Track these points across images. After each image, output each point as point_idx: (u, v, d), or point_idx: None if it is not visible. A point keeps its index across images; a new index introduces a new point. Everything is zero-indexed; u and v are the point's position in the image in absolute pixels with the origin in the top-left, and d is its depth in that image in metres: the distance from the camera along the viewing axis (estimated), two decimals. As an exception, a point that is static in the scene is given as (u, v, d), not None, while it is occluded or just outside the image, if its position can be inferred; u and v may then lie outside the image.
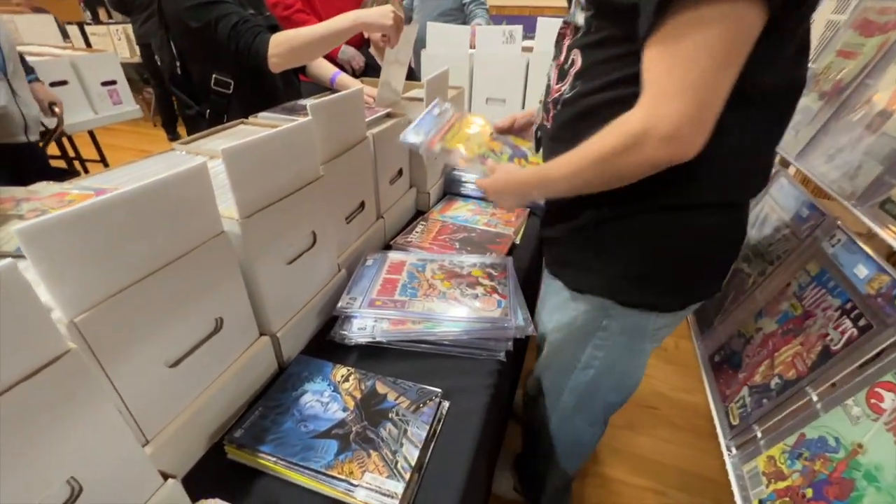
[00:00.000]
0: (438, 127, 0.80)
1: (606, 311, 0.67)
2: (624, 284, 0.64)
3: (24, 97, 1.33)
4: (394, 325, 0.71)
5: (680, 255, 0.60)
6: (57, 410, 0.33)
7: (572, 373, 0.76)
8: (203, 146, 0.81)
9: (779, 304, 0.95)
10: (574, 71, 0.59)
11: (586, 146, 0.54)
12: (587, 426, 0.86)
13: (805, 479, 0.68)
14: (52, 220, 0.34)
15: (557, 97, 0.62)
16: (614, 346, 0.71)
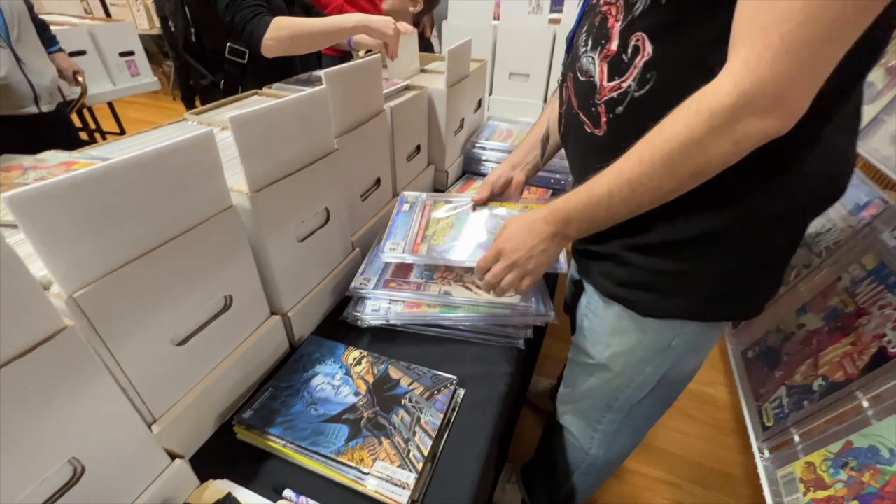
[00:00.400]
0: (416, 225, 0.74)
1: (679, 329, 0.57)
2: (711, 305, 0.54)
3: (33, 65, 1.25)
4: (408, 308, 0.68)
5: (777, 263, 0.53)
6: (54, 389, 0.32)
7: (622, 394, 0.66)
8: (215, 117, 0.79)
9: (826, 299, 0.88)
10: (643, 61, 0.45)
11: (648, 143, 0.43)
12: (629, 442, 0.78)
13: (850, 490, 0.63)
14: (45, 187, 0.31)
15: (617, 97, 0.48)
16: (678, 360, 0.61)
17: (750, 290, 0.54)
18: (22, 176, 0.54)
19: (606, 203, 0.48)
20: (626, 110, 0.48)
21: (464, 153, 1.16)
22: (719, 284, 0.52)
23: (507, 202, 0.80)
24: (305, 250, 0.62)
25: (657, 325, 0.58)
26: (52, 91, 1.34)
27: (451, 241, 0.70)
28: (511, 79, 1.48)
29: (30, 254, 0.38)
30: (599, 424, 0.73)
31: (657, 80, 0.45)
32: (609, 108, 0.50)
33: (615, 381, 0.66)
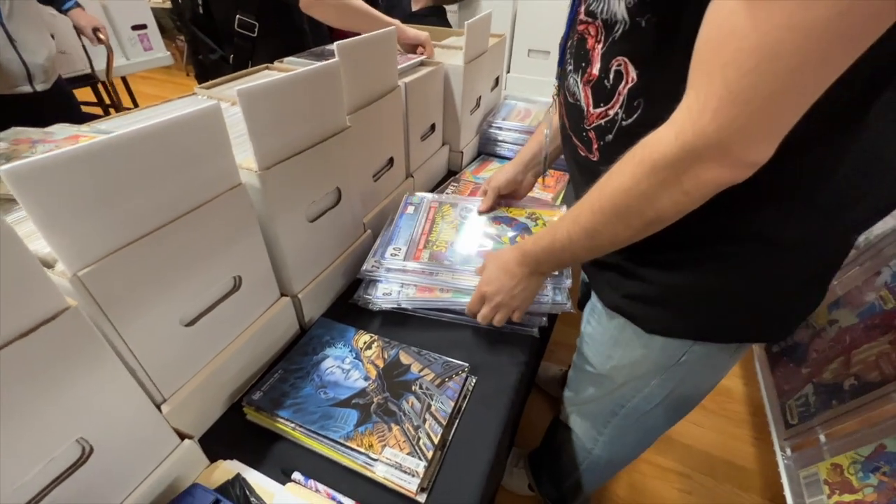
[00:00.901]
0: (419, 228, 0.73)
1: (689, 347, 0.53)
2: (727, 326, 0.50)
3: (26, 42, 1.18)
4: (420, 293, 0.66)
5: (810, 283, 0.48)
6: (59, 369, 0.31)
7: (628, 402, 0.64)
8: (224, 91, 0.76)
9: (862, 294, 0.83)
10: (627, 88, 0.41)
11: (600, 191, 0.42)
12: (634, 446, 0.76)
13: (881, 495, 0.61)
14: (44, 160, 0.30)
15: (604, 125, 0.45)
16: (688, 376, 0.57)
17: (775, 311, 0.49)
18: (30, 149, 0.53)
19: (569, 248, 0.48)
20: (615, 139, 0.45)
21: (479, 133, 1.12)
22: (738, 304, 0.48)
23: (514, 207, 0.79)
24: (316, 231, 0.61)
25: (664, 342, 0.54)
26: (47, 69, 1.27)
27: (454, 247, 0.71)
28: (530, 56, 1.43)
29: (32, 231, 0.37)
30: (605, 428, 0.71)
31: (644, 108, 0.41)
32: (599, 136, 0.47)
33: (619, 391, 0.63)
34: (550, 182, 1.01)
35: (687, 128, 0.33)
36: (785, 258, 0.44)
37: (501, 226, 0.75)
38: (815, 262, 0.46)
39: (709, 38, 0.31)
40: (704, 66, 0.31)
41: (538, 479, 1.05)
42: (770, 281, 0.46)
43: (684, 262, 0.47)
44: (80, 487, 0.34)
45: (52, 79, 1.30)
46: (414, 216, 0.77)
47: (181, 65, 4.04)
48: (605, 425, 0.70)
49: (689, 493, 1.16)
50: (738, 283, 0.46)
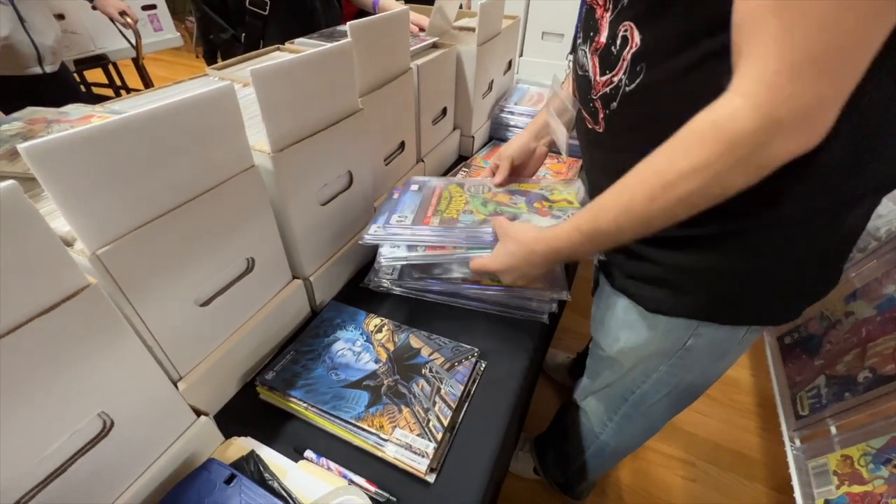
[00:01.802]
0: (426, 202, 0.66)
1: (694, 329, 0.53)
2: (730, 306, 0.50)
3: (35, 24, 1.18)
4: (431, 251, 0.61)
5: (819, 263, 0.47)
6: (80, 345, 0.31)
7: (640, 387, 0.64)
8: (236, 73, 0.76)
9: (882, 286, 0.82)
10: (631, 53, 0.42)
11: (659, 176, 0.38)
12: (640, 434, 0.76)
13: (892, 487, 0.60)
14: (63, 138, 0.30)
15: (609, 92, 0.46)
16: (695, 363, 0.57)
17: (778, 291, 0.49)
18: (46, 129, 0.53)
19: (614, 237, 0.44)
20: (619, 106, 0.46)
21: (491, 118, 1.11)
22: (741, 284, 0.48)
23: (526, 183, 0.73)
24: (328, 214, 0.61)
25: (668, 323, 0.54)
26: (55, 50, 1.27)
27: (467, 214, 0.63)
28: (544, 38, 1.39)
29: (53, 210, 0.37)
30: (615, 415, 0.72)
31: (647, 72, 0.41)
32: (605, 105, 0.47)
33: (629, 375, 0.64)
34: (563, 168, 1.00)
35: (764, 97, 0.31)
36: (786, 235, 0.44)
37: (515, 196, 0.68)
38: (819, 240, 0.45)
39: (760, 3, 0.30)
40: (765, 32, 0.30)
41: (544, 464, 1.07)
42: (771, 259, 0.46)
43: (685, 241, 0.47)
44: (102, 459, 0.35)
45: (58, 61, 1.30)
46: (419, 193, 0.70)
47: (190, 46, 4.01)
48: (615, 412, 0.71)
49: (693, 481, 1.17)
50: (739, 261, 0.46)
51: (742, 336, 0.54)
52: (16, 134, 0.52)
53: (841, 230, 0.45)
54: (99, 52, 1.92)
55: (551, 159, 1.03)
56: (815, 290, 0.50)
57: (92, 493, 0.36)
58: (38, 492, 0.31)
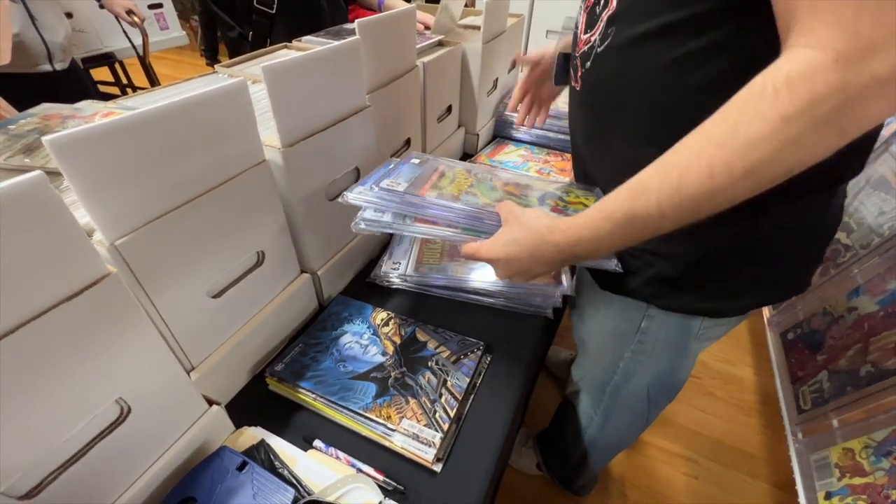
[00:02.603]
0: (425, 175, 0.57)
1: (644, 311, 0.56)
2: (665, 289, 0.52)
3: (46, 21, 1.19)
4: (419, 223, 0.52)
5: (743, 255, 0.47)
6: (100, 333, 0.32)
7: (612, 377, 0.67)
8: (245, 70, 0.77)
9: (885, 282, 0.82)
10: (607, 14, 0.43)
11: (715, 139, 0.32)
12: (626, 430, 0.79)
13: (893, 479, 0.61)
14: (86, 131, 0.31)
15: (587, 50, 0.47)
16: (657, 352, 0.60)
17: (722, 283, 0.48)
18: (61, 124, 0.54)
19: (654, 227, 0.37)
20: (591, 65, 0.47)
21: (496, 116, 1.12)
22: (678, 269, 0.48)
23: (541, 181, 0.66)
24: (335, 210, 0.62)
25: (621, 302, 0.57)
26: (65, 48, 1.28)
27: (469, 195, 0.54)
28: (548, 37, 1.40)
29: (73, 202, 0.38)
30: (599, 408, 0.75)
31: (614, 35, 0.43)
32: (582, 63, 0.49)
33: (599, 362, 0.67)
34: (566, 165, 1.00)
35: (849, 46, 0.26)
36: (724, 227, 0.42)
37: (525, 188, 0.60)
38: (763, 234, 0.44)
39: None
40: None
41: (547, 459, 1.08)
42: (708, 247, 0.46)
43: None
44: (119, 445, 0.36)
45: (68, 58, 1.31)
46: (419, 167, 0.60)
47: (195, 45, 4.03)
48: (598, 404, 0.74)
49: (696, 478, 1.17)
50: (676, 246, 0.46)
51: (697, 330, 0.56)
52: (32, 129, 0.54)
53: (793, 228, 0.44)
54: (106, 50, 1.93)
55: (556, 157, 1.04)
56: (764, 289, 0.50)
57: (110, 477, 0.37)
58: (60, 473, 0.32)
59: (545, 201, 0.56)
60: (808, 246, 0.48)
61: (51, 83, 1.25)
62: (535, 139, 1.09)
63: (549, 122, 1.06)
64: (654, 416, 0.74)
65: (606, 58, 0.45)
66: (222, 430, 0.47)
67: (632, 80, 0.43)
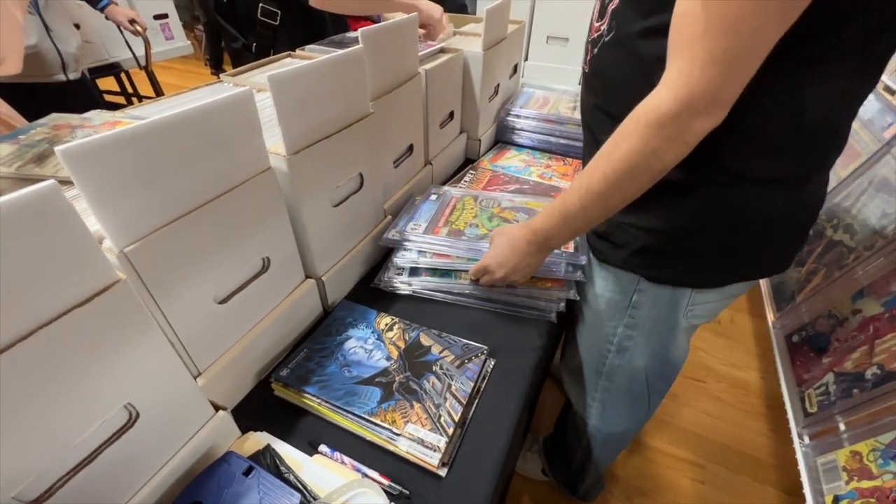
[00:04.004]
0: (440, 213, 0.76)
1: (636, 284, 0.61)
2: (649, 259, 0.58)
3: (60, 32, 1.24)
4: (436, 258, 0.70)
5: (718, 232, 0.53)
6: (110, 339, 0.33)
7: (606, 357, 0.70)
8: (249, 79, 0.78)
9: (889, 283, 0.82)
10: (612, 9, 0.50)
11: (608, 160, 0.47)
12: (627, 417, 0.79)
13: (900, 482, 0.61)
14: (98, 141, 0.31)
15: (596, 37, 0.55)
16: (649, 327, 0.64)
17: (701, 255, 0.55)
18: (71, 134, 0.55)
19: (582, 216, 0.53)
20: (598, 52, 0.54)
21: (497, 121, 1.12)
22: (663, 241, 0.55)
23: (532, 200, 0.80)
24: (339, 215, 0.62)
25: (615, 273, 0.63)
26: (77, 58, 1.32)
27: (472, 228, 0.73)
28: (549, 43, 1.41)
29: (83, 209, 0.39)
30: (595, 392, 0.77)
31: (617, 28, 0.50)
32: (592, 47, 0.56)
33: (594, 340, 0.71)
34: (568, 170, 1.01)
35: (681, 89, 0.40)
36: (701, 202, 0.51)
37: (520, 213, 0.76)
38: (735, 207, 0.50)
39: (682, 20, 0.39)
40: (685, 39, 0.39)
41: (552, 463, 1.07)
42: (682, 219, 0.53)
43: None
44: (127, 450, 0.36)
45: (80, 68, 1.35)
46: (436, 203, 0.80)
47: (199, 54, 4.08)
48: (595, 388, 0.76)
49: (703, 483, 1.16)
50: (659, 220, 0.54)
51: (685, 306, 0.60)
52: (42, 139, 0.55)
53: (762, 211, 0.50)
54: (112, 60, 1.96)
55: (557, 161, 1.05)
56: (743, 266, 0.56)
57: (117, 482, 0.37)
58: (69, 479, 0.33)
59: None
60: (782, 227, 0.54)
61: (62, 93, 1.28)
62: (536, 144, 1.10)
63: (550, 126, 1.07)
64: (656, 403, 0.76)
65: (610, 47, 0.52)
66: (228, 435, 0.47)
67: (629, 70, 0.49)
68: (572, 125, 1.05)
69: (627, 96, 0.47)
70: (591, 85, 0.58)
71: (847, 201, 1.11)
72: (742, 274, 0.58)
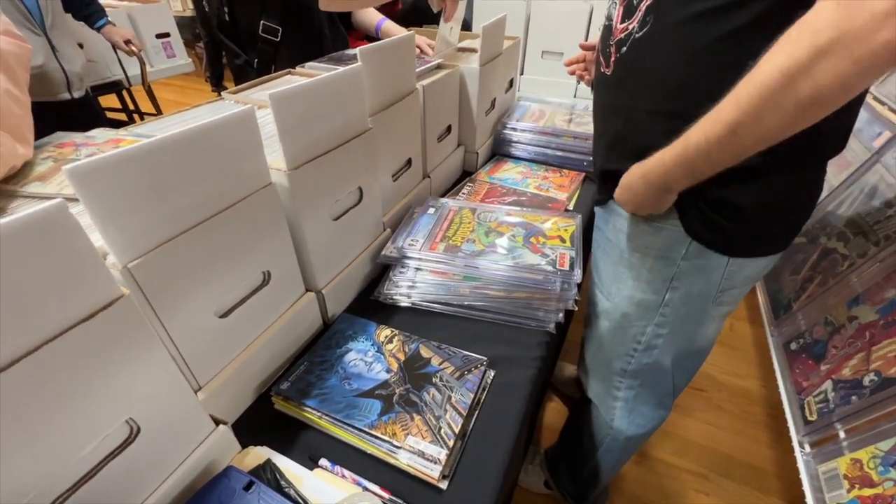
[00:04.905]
0: (437, 227, 0.77)
1: (669, 283, 0.61)
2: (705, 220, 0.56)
3: (65, 52, 1.27)
4: (433, 275, 0.70)
5: (752, 209, 0.53)
6: (113, 353, 0.33)
7: (633, 356, 0.71)
8: (251, 96, 0.80)
9: (883, 290, 0.83)
10: (646, 5, 0.50)
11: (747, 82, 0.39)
12: (651, 415, 0.79)
13: (901, 489, 0.61)
14: (102, 160, 0.32)
15: (623, 38, 0.54)
16: (677, 318, 0.64)
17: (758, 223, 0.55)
18: (75, 152, 0.56)
19: (705, 150, 0.44)
20: (628, 50, 0.54)
21: (494, 134, 1.14)
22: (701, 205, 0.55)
23: (529, 214, 0.81)
24: (339, 229, 0.63)
25: (650, 273, 0.63)
26: (82, 77, 1.35)
27: (468, 244, 0.73)
28: (544, 57, 1.44)
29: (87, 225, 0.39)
30: (619, 391, 0.76)
31: (653, 22, 0.50)
32: (618, 48, 0.56)
33: (622, 335, 0.70)
34: (565, 182, 1.02)
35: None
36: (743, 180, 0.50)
37: (516, 228, 0.77)
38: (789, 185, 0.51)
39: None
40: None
41: (556, 474, 1.06)
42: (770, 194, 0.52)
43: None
44: (128, 465, 0.37)
45: (84, 87, 1.37)
46: (434, 216, 0.80)
47: (200, 71, 4.14)
48: (618, 388, 0.75)
49: (707, 495, 1.15)
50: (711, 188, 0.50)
51: (717, 290, 0.60)
52: (46, 157, 0.56)
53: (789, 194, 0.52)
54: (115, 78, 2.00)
55: (553, 173, 1.06)
56: (776, 230, 0.57)
57: (118, 498, 0.37)
58: (70, 494, 0.33)
59: (529, 239, 0.74)
60: (798, 209, 0.56)
61: (67, 111, 1.31)
62: (533, 156, 1.11)
63: (545, 139, 1.09)
64: (675, 396, 0.76)
65: (646, 41, 0.51)
66: (229, 449, 0.47)
67: (668, 60, 0.49)
68: (568, 137, 1.06)
69: (670, 87, 0.49)
70: (622, 83, 0.57)
71: (840, 209, 1.13)
72: (776, 246, 0.59)
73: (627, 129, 0.58)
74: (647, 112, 0.54)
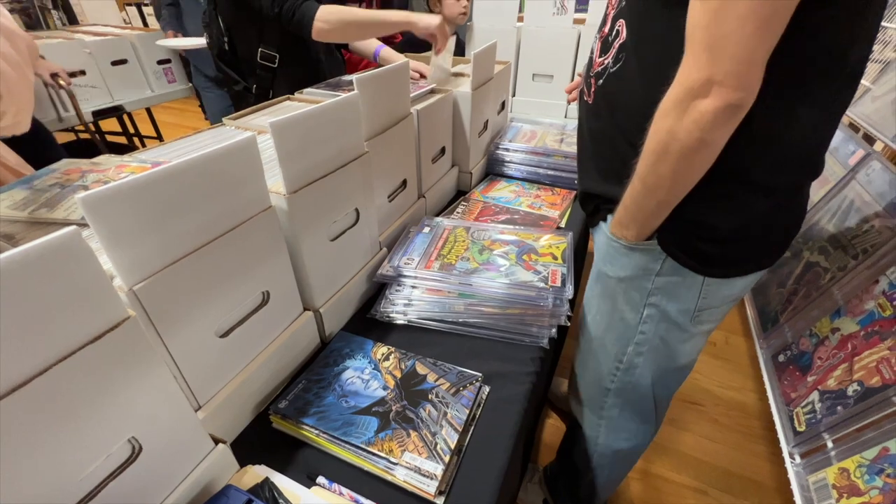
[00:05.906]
0: (433, 246, 0.79)
1: (645, 300, 0.63)
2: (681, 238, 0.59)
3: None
4: (429, 293, 0.72)
5: (727, 231, 0.57)
6: (118, 373, 0.34)
7: (616, 374, 0.72)
8: (250, 122, 0.82)
9: (862, 302, 0.85)
10: (618, 43, 0.56)
11: (644, 146, 0.51)
12: (636, 431, 0.80)
13: (886, 497, 0.61)
14: (112, 189, 0.34)
15: (601, 70, 0.60)
16: (656, 336, 0.66)
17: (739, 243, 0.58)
18: (81, 178, 0.58)
19: (633, 199, 0.56)
20: (604, 82, 0.60)
21: (487, 155, 1.17)
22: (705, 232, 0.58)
23: (522, 232, 0.84)
24: (336, 249, 0.65)
25: (626, 294, 0.65)
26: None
27: (462, 262, 0.75)
28: (535, 80, 1.49)
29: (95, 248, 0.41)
30: (603, 410, 0.78)
31: (625, 59, 0.55)
32: (596, 80, 0.61)
33: (603, 355, 0.73)
34: (556, 200, 1.05)
35: (684, 76, 0.45)
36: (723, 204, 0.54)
37: (509, 246, 0.79)
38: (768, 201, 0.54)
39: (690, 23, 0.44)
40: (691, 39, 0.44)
41: (555, 492, 1.06)
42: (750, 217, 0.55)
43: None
44: (130, 484, 0.37)
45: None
46: (429, 235, 0.83)
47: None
48: (602, 407, 0.77)
49: (707, 510, 1.14)
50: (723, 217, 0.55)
51: (694, 308, 0.62)
52: (53, 184, 0.58)
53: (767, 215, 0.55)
54: (116, 103, 2.03)
55: (545, 191, 1.09)
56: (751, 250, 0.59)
57: (119, 518, 0.38)
58: (74, 513, 0.33)
59: (521, 257, 0.76)
60: (776, 232, 0.59)
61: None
62: (525, 175, 1.14)
63: (538, 158, 1.12)
64: (661, 417, 0.77)
65: (618, 76, 0.57)
66: (227, 468, 0.48)
67: (636, 94, 0.55)
68: (559, 157, 1.10)
69: (639, 121, 0.53)
70: (598, 112, 0.63)
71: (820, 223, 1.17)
72: (751, 268, 0.61)
73: (608, 154, 0.63)
74: (622, 140, 0.58)
